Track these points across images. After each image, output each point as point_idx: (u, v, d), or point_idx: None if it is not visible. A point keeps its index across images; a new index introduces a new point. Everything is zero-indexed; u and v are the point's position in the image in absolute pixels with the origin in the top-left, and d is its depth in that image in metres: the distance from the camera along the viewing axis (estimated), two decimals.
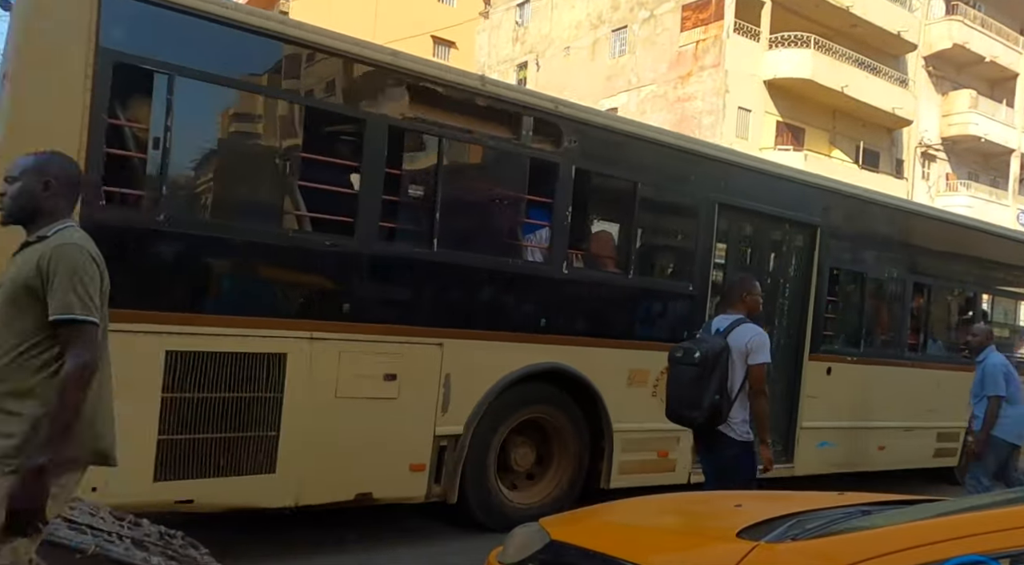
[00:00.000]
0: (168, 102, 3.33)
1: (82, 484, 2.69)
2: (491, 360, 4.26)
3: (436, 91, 4.16)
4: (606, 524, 2.15)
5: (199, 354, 3.41)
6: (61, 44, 3.10)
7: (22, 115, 3.10)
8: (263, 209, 3.82)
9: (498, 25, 29.59)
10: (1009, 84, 27.81)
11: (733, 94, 21.71)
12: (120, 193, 3.34)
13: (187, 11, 3.39)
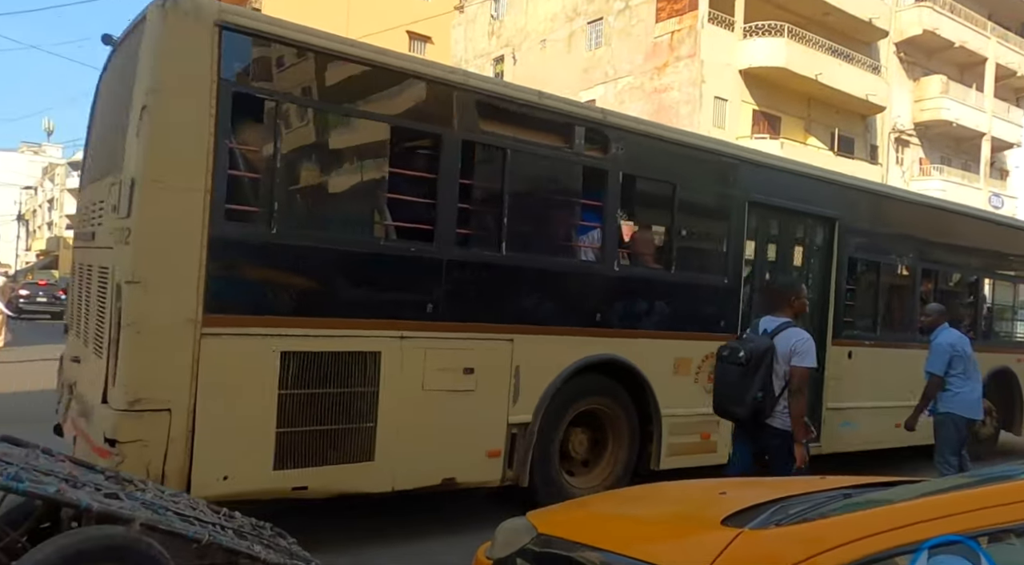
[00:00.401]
0: (276, 126, 3.67)
1: (213, 473, 3.43)
2: (554, 353, 4.61)
3: (500, 107, 4.55)
4: (592, 515, 2.16)
5: (308, 354, 3.71)
6: (188, 78, 3.41)
7: (159, 143, 3.36)
8: (358, 221, 4.17)
9: (473, 19, 29.46)
10: (978, 69, 28.24)
11: (709, 84, 21.84)
12: (239, 210, 3.61)
13: (291, 43, 3.78)
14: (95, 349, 3.81)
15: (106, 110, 4.55)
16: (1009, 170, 30.94)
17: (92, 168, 4.73)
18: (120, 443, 3.27)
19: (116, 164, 3.63)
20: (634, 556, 1.68)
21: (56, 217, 67.10)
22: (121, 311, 3.34)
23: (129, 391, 3.31)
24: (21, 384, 9.70)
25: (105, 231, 3.77)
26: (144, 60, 3.47)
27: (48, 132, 62.39)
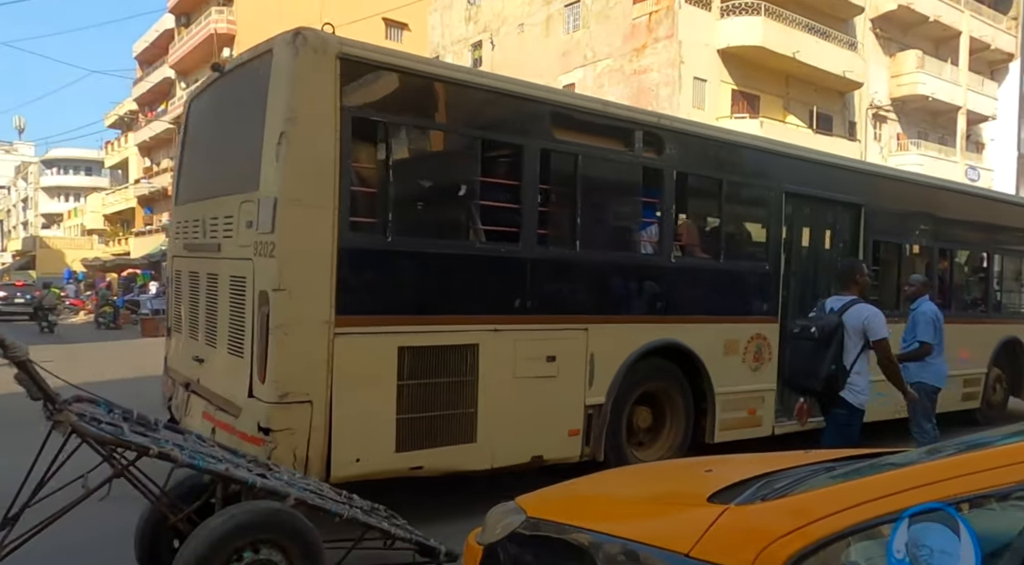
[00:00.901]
0: (388, 145, 4.07)
1: (348, 456, 3.88)
2: (622, 340, 5.06)
3: (571, 116, 5.03)
4: (580, 497, 2.19)
5: (420, 348, 4.14)
6: (317, 106, 3.80)
7: (296, 166, 3.77)
8: (457, 227, 4.58)
9: (450, 5, 29.18)
10: (953, 43, 28.47)
11: (688, 65, 21.84)
12: (360, 222, 4.03)
13: (398, 70, 4.22)
14: (230, 350, 4.21)
15: (217, 133, 4.95)
16: (985, 143, 31.34)
17: (200, 186, 5.02)
18: (273, 431, 3.71)
19: (246, 184, 4.00)
20: (622, 535, 1.71)
21: (31, 216, 66.05)
22: (268, 316, 3.76)
23: (279, 386, 3.74)
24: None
25: (236, 244, 4.14)
26: (277, 91, 3.84)
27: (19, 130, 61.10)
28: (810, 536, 1.42)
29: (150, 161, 39.06)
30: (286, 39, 3.86)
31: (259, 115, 3.93)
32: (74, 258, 40.93)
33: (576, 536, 1.79)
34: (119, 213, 42.77)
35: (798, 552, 1.42)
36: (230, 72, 4.63)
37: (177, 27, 34.42)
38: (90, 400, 3.04)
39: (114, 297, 22.86)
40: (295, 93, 3.79)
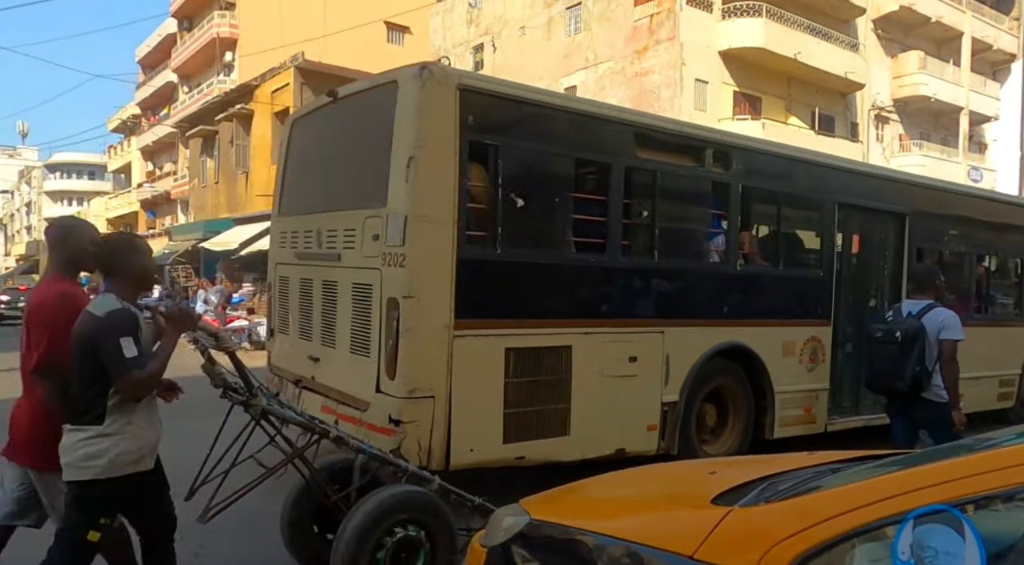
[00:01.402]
0: (497, 165, 4.46)
1: (465, 446, 4.31)
2: (694, 342, 5.42)
3: (651, 136, 5.38)
4: (584, 500, 2.19)
5: (523, 349, 4.53)
6: (441, 132, 4.21)
7: (423, 187, 4.18)
8: (553, 239, 4.97)
9: (451, 8, 29.22)
10: (955, 43, 28.44)
11: (689, 66, 21.84)
12: (475, 236, 4.42)
13: (508, 98, 4.71)
14: (353, 350, 4.61)
15: (331, 153, 5.40)
16: (987, 144, 31.28)
17: (311, 200, 5.45)
18: (403, 423, 4.11)
19: (371, 200, 4.42)
20: (625, 537, 1.71)
21: (35, 221, 66.21)
22: (399, 320, 4.16)
23: (408, 382, 4.16)
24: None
25: (360, 255, 4.54)
26: (405, 119, 4.25)
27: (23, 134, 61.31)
28: (814, 538, 1.42)
29: (153, 165, 39.14)
30: (413, 72, 4.28)
31: (384, 139, 4.35)
32: None
33: (580, 538, 1.80)
34: (122, 217, 42.87)
35: (802, 554, 1.41)
36: (345, 99, 5.07)
37: (179, 31, 34.51)
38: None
39: None
40: (422, 121, 4.21)
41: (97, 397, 2.54)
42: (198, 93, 30.57)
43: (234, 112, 21.22)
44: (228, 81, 28.25)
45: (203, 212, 25.02)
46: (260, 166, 20.82)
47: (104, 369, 2.52)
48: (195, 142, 25.50)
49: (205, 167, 25.17)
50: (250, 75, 22.82)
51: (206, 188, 25.07)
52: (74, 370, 2.58)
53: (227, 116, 21.73)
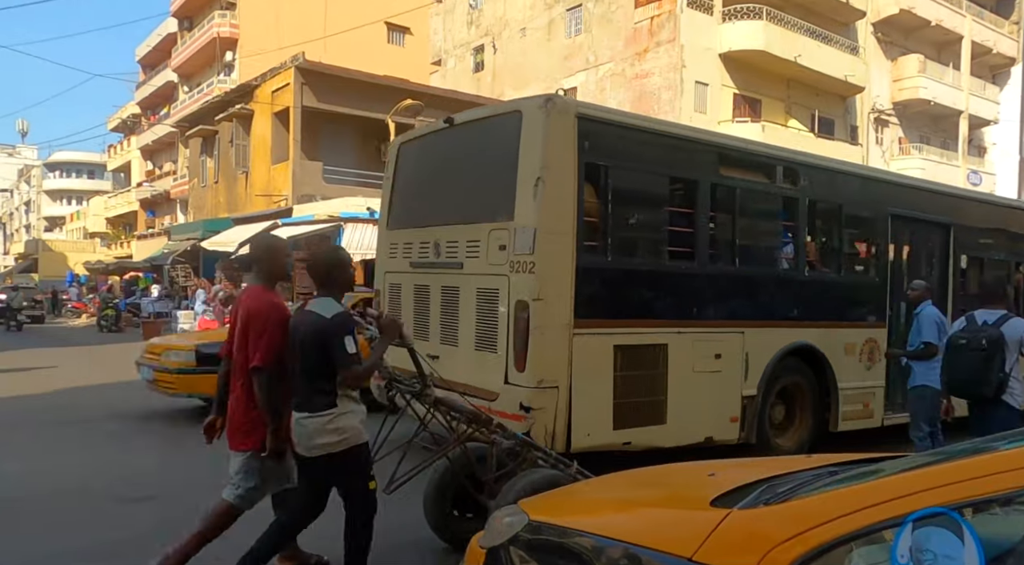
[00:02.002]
0: (607, 184, 5.04)
1: (583, 432, 4.83)
2: (769, 341, 5.94)
3: (731, 155, 5.97)
4: (582, 501, 2.19)
5: (628, 346, 5.07)
6: (562, 155, 4.80)
7: (550, 204, 4.76)
8: (653, 248, 5.55)
9: (452, 9, 29.25)
10: (954, 47, 28.50)
11: (690, 69, 21.86)
12: (589, 245, 4.98)
13: (617, 125, 5.38)
14: (478, 347, 5.15)
15: (446, 173, 5.92)
16: (987, 147, 31.33)
17: (425, 215, 5.99)
18: (533, 410, 4.65)
19: (496, 215, 4.99)
20: (624, 539, 1.71)
21: (34, 219, 66.16)
22: (528, 320, 4.69)
23: (537, 374, 4.70)
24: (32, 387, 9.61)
25: (486, 263, 5.08)
26: (532, 144, 4.83)
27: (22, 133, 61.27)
28: (813, 541, 1.43)
29: (152, 164, 39.11)
30: (538, 103, 4.93)
31: (507, 161, 4.93)
32: (76, 261, 40.90)
33: (578, 540, 1.80)
34: (121, 216, 42.82)
35: (801, 557, 1.42)
36: (462, 125, 5.65)
37: (180, 31, 34.50)
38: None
39: (116, 300, 22.84)
40: (547, 146, 4.78)
41: (327, 385, 3.05)
42: (198, 93, 30.56)
43: (234, 112, 21.20)
44: (228, 81, 28.23)
45: (202, 212, 25.00)
46: (260, 166, 20.81)
47: (329, 361, 3.01)
48: (195, 142, 25.48)
49: (205, 167, 25.16)
50: (250, 75, 22.80)
51: (206, 188, 25.06)
52: (304, 363, 3.08)
53: (227, 116, 21.71)
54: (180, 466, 5.82)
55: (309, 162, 19.26)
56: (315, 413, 3.04)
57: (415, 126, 19.16)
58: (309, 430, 3.06)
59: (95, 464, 5.86)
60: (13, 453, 6.20)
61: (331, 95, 18.89)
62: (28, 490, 5.05)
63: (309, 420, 3.05)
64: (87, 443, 6.67)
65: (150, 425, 7.61)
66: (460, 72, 28.70)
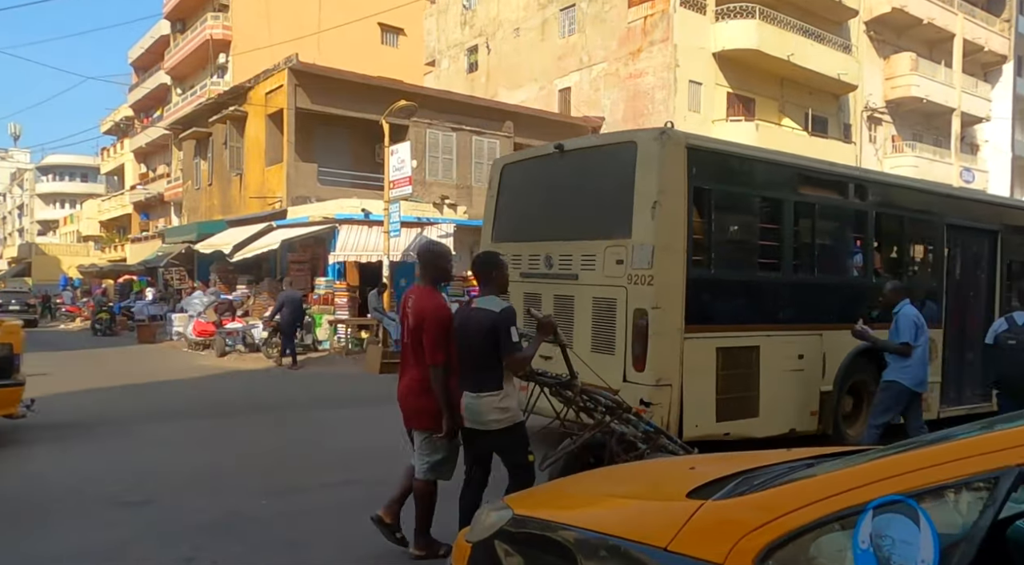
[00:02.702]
0: (711, 205, 5.68)
1: (692, 423, 5.48)
2: (842, 343, 6.40)
3: (809, 175, 6.62)
4: (565, 496, 2.24)
5: (727, 348, 5.73)
6: (675, 181, 5.43)
7: (665, 223, 5.39)
8: (746, 260, 6.18)
9: (445, 9, 29.23)
10: (946, 45, 28.61)
11: (683, 68, 21.90)
12: (697, 260, 5.60)
13: (720, 153, 6.05)
14: (595, 349, 5.67)
15: (556, 194, 6.50)
16: (979, 145, 31.46)
17: (532, 230, 6.62)
18: (652, 405, 5.24)
19: (612, 233, 5.65)
20: (604, 531, 1.77)
21: (27, 223, 65.86)
22: (647, 326, 5.34)
23: (655, 373, 5.35)
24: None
25: (602, 275, 5.72)
26: (648, 171, 5.44)
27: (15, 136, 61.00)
28: (782, 528, 1.50)
29: (146, 167, 38.99)
30: (653, 135, 5.53)
31: (621, 185, 5.57)
32: (70, 264, 40.75)
33: (560, 533, 1.86)
34: (115, 219, 42.66)
35: (770, 544, 1.49)
36: (572, 152, 6.32)
37: (173, 33, 34.40)
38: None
39: (110, 303, 22.75)
40: (663, 173, 5.39)
41: (496, 369, 3.58)
42: (191, 95, 30.47)
43: (227, 114, 21.15)
44: (221, 83, 28.16)
45: (196, 214, 24.93)
46: (254, 168, 20.76)
47: (497, 349, 3.55)
48: (188, 144, 25.41)
49: (198, 169, 25.09)
50: (244, 77, 22.75)
51: (199, 190, 24.98)
52: (476, 351, 3.61)
53: (220, 118, 21.66)
54: (177, 470, 5.81)
55: (303, 164, 19.22)
56: (486, 393, 3.58)
57: (409, 127, 19.30)
58: (480, 408, 3.59)
59: (91, 467, 5.85)
60: (10, 457, 6.17)
61: (325, 96, 18.86)
62: (24, 493, 5.03)
63: (480, 399, 3.59)
64: (83, 446, 6.64)
65: (146, 428, 7.59)
66: (454, 73, 28.68)
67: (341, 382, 11.71)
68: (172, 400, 9.53)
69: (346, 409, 9.25)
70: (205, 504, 4.80)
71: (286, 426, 8.05)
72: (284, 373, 12.74)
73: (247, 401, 9.64)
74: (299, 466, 6.03)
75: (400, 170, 14.88)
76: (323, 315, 15.88)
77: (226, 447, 6.73)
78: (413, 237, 16.95)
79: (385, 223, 15.10)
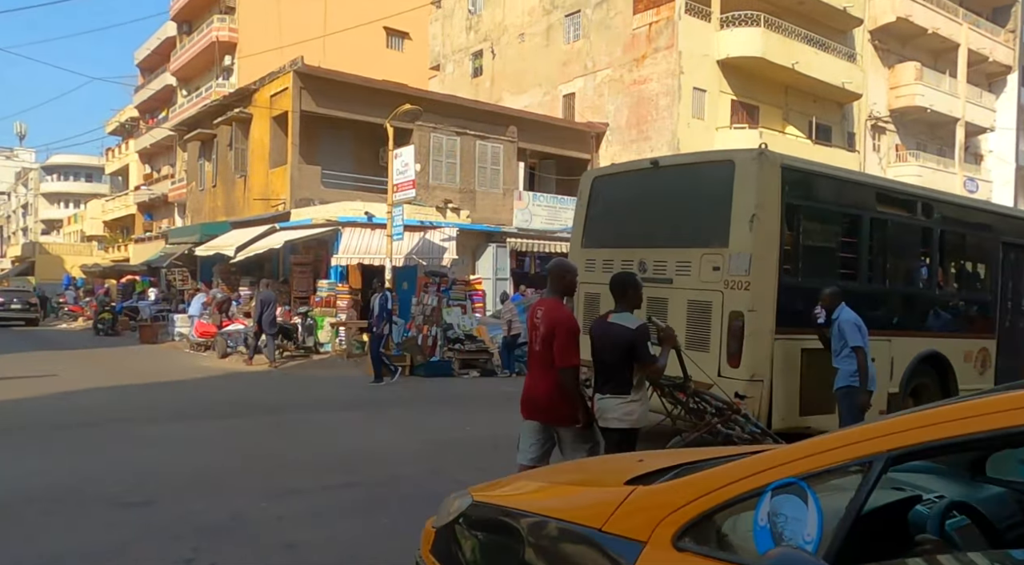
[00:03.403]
0: (799, 219, 6.32)
1: (779, 415, 6.06)
2: (909, 348, 7.03)
3: (885, 195, 7.19)
4: (522, 485, 2.47)
5: (810, 349, 6.21)
6: (771, 197, 6.03)
7: (762, 235, 5.97)
8: (829, 270, 6.72)
9: (451, 14, 29.32)
10: (951, 55, 28.62)
11: (688, 75, 21.94)
12: (786, 268, 6.21)
13: (807, 172, 6.62)
14: (690, 347, 5.91)
15: (650, 205, 7.07)
16: (983, 154, 31.43)
17: (622, 238, 7.21)
18: (747, 398, 5.74)
19: (710, 242, 6.21)
20: (548, 514, 2.00)
21: (31, 222, 66.05)
22: (743, 327, 5.92)
23: (750, 369, 5.92)
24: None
25: (698, 280, 6.30)
26: (746, 188, 6.02)
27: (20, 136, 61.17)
28: (698, 509, 1.70)
29: (150, 168, 39.11)
30: (751, 156, 6.10)
31: (719, 200, 6.12)
32: (73, 264, 40.84)
33: (511, 516, 2.09)
34: (119, 219, 42.78)
35: (690, 521, 1.69)
36: (667, 168, 6.93)
37: (179, 34, 34.56)
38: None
39: (113, 303, 22.79)
40: (760, 190, 5.98)
41: (626, 376, 4.07)
42: (197, 96, 30.58)
43: (232, 116, 21.22)
44: (227, 85, 28.27)
45: (200, 215, 24.99)
46: (258, 170, 20.81)
47: (630, 359, 4.05)
48: (193, 145, 25.49)
49: (203, 170, 25.16)
50: (249, 79, 22.84)
51: (204, 191, 25.05)
52: (609, 359, 4.12)
53: (225, 120, 21.73)
54: (177, 471, 5.81)
55: (307, 166, 19.27)
56: (614, 395, 4.08)
57: (413, 131, 19.35)
58: (609, 408, 4.09)
59: (91, 467, 5.85)
60: (11, 456, 6.18)
61: (330, 99, 18.92)
62: (24, 493, 5.03)
63: (609, 400, 4.09)
64: (84, 446, 6.65)
65: (148, 428, 7.60)
66: (458, 77, 28.76)
67: (342, 384, 11.71)
68: (173, 401, 9.54)
69: (347, 412, 9.26)
70: (205, 505, 4.80)
71: (287, 428, 8.05)
72: (284, 375, 12.75)
73: (248, 403, 9.65)
74: (300, 468, 6.03)
75: (404, 173, 14.92)
76: (325, 317, 15.88)
77: (227, 448, 6.73)
78: (416, 241, 16.96)
79: (388, 226, 15.13)
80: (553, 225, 21.04)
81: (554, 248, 20.48)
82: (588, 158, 23.78)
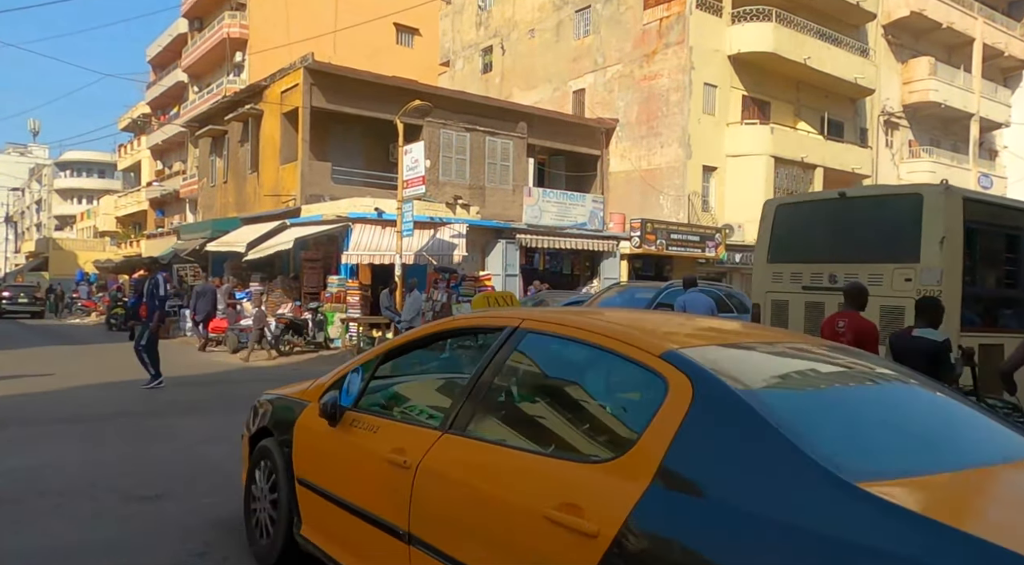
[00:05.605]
0: (975, 239, 7.27)
1: None
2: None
3: (989, 208, 7.87)
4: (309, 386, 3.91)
5: (986, 345, 6.90)
6: (955, 224, 7.02)
7: (950, 253, 6.94)
8: (998, 280, 7.70)
9: (461, 9, 29.28)
10: (966, 49, 28.32)
11: (698, 70, 21.82)
12: (966, 279, 7.09)
13: (981, 201, 7.70)
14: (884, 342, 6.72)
15: (833, 227, 8.03)
16: (998, 150, 31.09)
17: (808, 253, 8.14)
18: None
19: (901, 258, 7.15)
20: (290, 396, 3.96)
21: (45, 218, 66.64)
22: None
23: None
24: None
25: (889, 289, 7.16)
26: (935, 216, 7.03)
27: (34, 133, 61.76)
28: (332, 378, 3.43)
29: (162, 164, 39.35)
30: (939, 190, 7.19)
31: (909, 224, 7.15)
32: (86, 259, 41.21)
33: (276, 401, 3.94)
34: (131, 215, 43.09)
35: (332, 381, 3.39)
36: (853, 199, 8.06)
37: (190, 31, 34.71)
38: None
39: (124, 299, 22.97)
40: (948, 218, 7.02)
41: None
42: (208, 93, 30.73)
43: (243, 112, 21.29)
44: (238, 81, 28.38)
45: (211, 211, 25.12)
46: (269, 166, 20.89)
47: (933, 369, 4.37)
48: (204, 142, 25.61)
49: (214, 166, 25.28)
50: (260, 75, 22.91)
51: (215, 187, 25.17)
52: (914, 368, 4.30)
53: (236, 116, 21.81)
54: (189, 465, 5.85)
55: (318, 162, 19.31)
56: None
57: (423, 127, 19.34)
58: None
59: (103, 460, 5.90)
60: (21, 449, 6.24)
61: (340, 96, 18.95)
62: (35, 486, 5.08)
63: None
64: (95, 440, 6.71)
65: (159, 422, 7.65)
66: (468, 73, 28.73)
67: None
68: (185, 395, 9.60)
69: None
70: (217, 500, 4.83)
71: None
72: (295, 369, 12.81)
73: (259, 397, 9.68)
74: None
75: (413, 170, 14.92)
76: (335, 313, 15.95)
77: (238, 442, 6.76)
78: (426, 237, 16.98)
79: (398, 222, 15.14)
80: (563, 221, 20.99)
81: (564, 244, 20.44)
82: (598, 154, 23.71)
